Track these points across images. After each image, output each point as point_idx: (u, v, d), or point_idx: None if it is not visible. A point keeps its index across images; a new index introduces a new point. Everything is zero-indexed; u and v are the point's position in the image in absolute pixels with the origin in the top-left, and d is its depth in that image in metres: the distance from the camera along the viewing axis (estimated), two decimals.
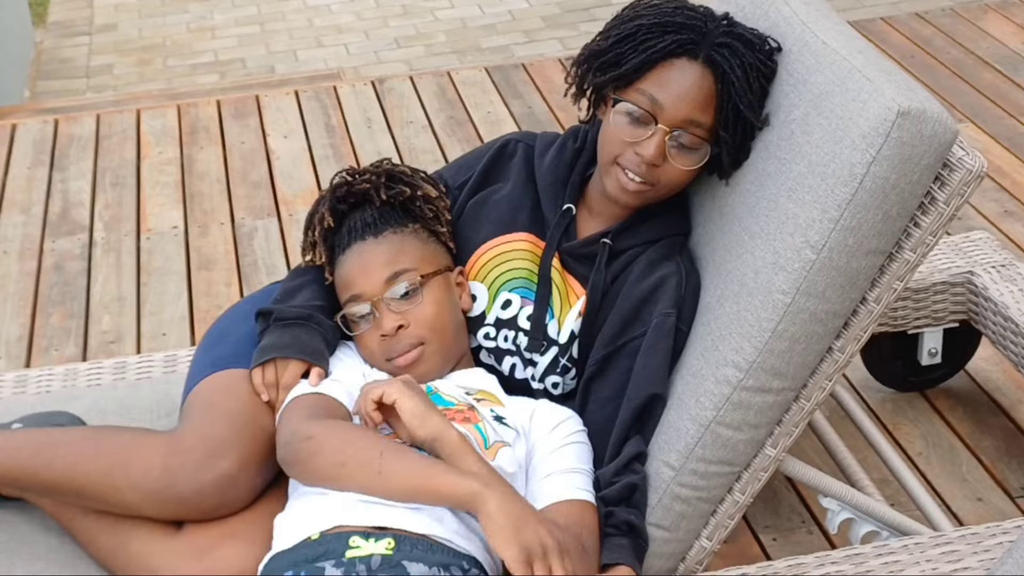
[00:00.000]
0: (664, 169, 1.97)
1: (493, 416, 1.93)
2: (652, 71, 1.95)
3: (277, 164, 4.05)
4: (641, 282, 2.00)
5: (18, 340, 3.26)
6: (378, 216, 2.02)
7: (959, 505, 2.62)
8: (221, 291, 3.41)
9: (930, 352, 2.74)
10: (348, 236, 2.01)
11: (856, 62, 1.89)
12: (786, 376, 1.91)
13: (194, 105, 4.47)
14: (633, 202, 2.01)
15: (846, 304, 1.88)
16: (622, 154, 1.97)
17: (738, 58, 1.94)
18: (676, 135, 1.94)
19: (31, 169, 4.08)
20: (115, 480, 1.87)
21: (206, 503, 1.85)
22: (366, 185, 2.03)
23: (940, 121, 1.81)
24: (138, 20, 6.52)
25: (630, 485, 1.90)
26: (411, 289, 1.96)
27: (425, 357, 1.97)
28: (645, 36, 1.96)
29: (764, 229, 1.92)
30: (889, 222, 1.84)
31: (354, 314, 1.99)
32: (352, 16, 6.30)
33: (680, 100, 1.93)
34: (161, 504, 1.86)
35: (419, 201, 2.04)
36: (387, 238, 1.99)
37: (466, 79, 4.56)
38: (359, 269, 1.98)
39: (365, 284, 1.97)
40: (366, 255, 1.98)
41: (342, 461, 1.76)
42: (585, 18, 5.95)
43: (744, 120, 1.96)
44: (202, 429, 1.89)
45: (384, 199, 2.02)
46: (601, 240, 2.05)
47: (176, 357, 2.47)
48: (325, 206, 2.04)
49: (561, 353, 2.05)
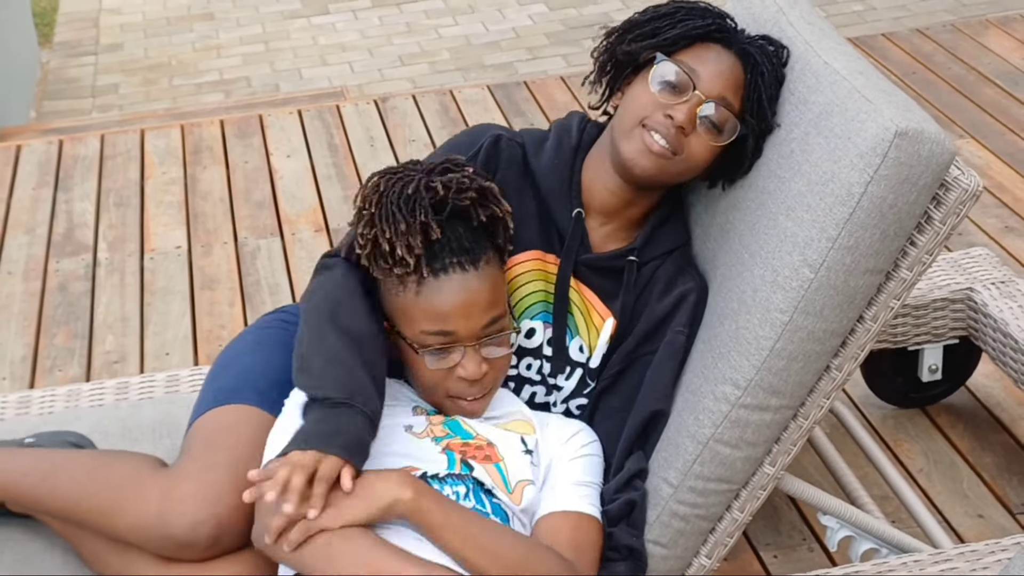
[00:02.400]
0: (690, 140, 1.94)
1: (524, 450, 1.90)
2: (690, 48, 1.97)
3: (280, 183, 4.06)
4: (663, 298, 2.00)
5: (22, 360, 3.27)
6: (473, 239, 1.85)
7: (960, 521, 2.62)
8: (224, 311, 3.41)
9: (930, 368, 2.74)
10: (444, 256, 1.82)
11: (856, 82, 1.90)
12: (784, 394, 1.91)
13: (198, 125, 4.48)
14: (650, 169, 1.94)
15: (844, 323, 1.89)
16: (651, 116, 1.93)
17: (765, 56, 1.98)
18: (709, 104, 1.93)
19: (36, 190, 4.09)
20: (113, 520, 1.89)
21: (200, 544, 1.86)
22: (468, 203, 1.84)
23: (938, 142, 1.82)
24: (144, 40, 6.55)
25: (629, 502, 1.90)
26: (503, 335, 1.88)
27: (487, 399, 1.92)
28: (685, 16, 1.99)
29: (763, 247, 1.93)
30: (887, 241, 1.85)
31: (431, 346, 1.85)
32: (356, 34, 6.32)
33: (716, 76, 1.94)
34: (158, 545, 1.87)
35: (502, 224, 1.90)
36: (484, 272, 1.84)
37: (468, 97, 4.57)
38: (461, 308, 1.81)
39: (463, 326, 1.82)
40: (472, 293, 1.82)
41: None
42: (589, 35, 5.96)
43: (764, 114, 1.97)
44: (200, 474, 1.89)
45: (483, 219, 1.86)
46: (628, 258, 2.01)
47: (178, 377, 2.47)
48: (427, 214, 1.81)
49: (589, 376, 2.03)
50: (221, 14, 6.75)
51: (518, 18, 6.29)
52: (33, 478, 1.96)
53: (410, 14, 6.48)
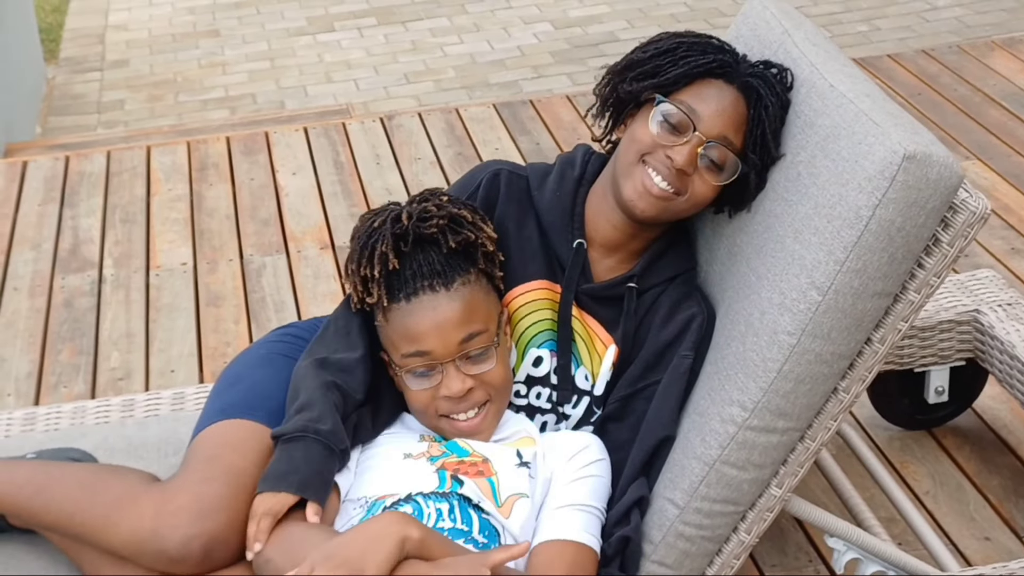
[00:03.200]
0: (692, 180, 1.95)
1: (518, 463, 1.91)
2: (690, 86, 1.96)
3: (286, 201, 4.06)
4: (666, 325, 2.00)
5: (27, 376, 3.27)
6: (445, 263, 1.91)
7: (966, 544, 2.61)
8: (230, 328, 3.41)
9: (937, 390, 2.73)
10: (414, 282, 1.89)
11: (863, 105, 1.90)
12: (791, 416, 1.91)
13: (204, 142, 4.49)
14: (650, 211, 1.96)
15: (851, 346, 1.89)
16: (652, 154, 1.95)
17: (769, 87, 1.97)
18: (710, 146, 1.94)
19: (42, 206, 4.10)
20: (108, 535, 1.89)
21: (192, 559, 1.85)
22: (434, 230, 1.92)
23: (946, 165, 1.82)
24: (149, 56, 6.57)
25: (623, 539, 1.89)
26: (484, 350, 1.90)
27: (488, 417, 1.93)
28: (686, 52, 1.98)
29: (771, 270, 1.93)
30: (895, 264, 1.85)
31: (413, 369, 1.90)
32: (362, 52, 6.34)
33: (717, 115, 1.94)
34: (151, 559, 1.86)
35: (481, 248, 1.96)
36: (459, 291, 1.89)
37: (474, 115, 4.58)
38: (432, 327, 1.87)
39: (438, 344, 1.87)
40: (440, 312, 1.87)
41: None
42: (594, 54, 5.98)
43: (768, 148, 1.97)
44: (197, 486, 1.88)
45: (453, 245, 1.92)
46: (627, 285, 2.02)
47: (184, 395, 2.47)
48: (387, 245, 1.91)
49: (596, 404, 2.03)
50: (227, 31, 6.77)
51: (523, 37, 6.31)
52: (28, 490, 1.96)
53: (415, 32, 6.50)
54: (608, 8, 6.50)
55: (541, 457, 1.93)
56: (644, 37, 2.13)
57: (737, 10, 6.31)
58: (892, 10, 6.24)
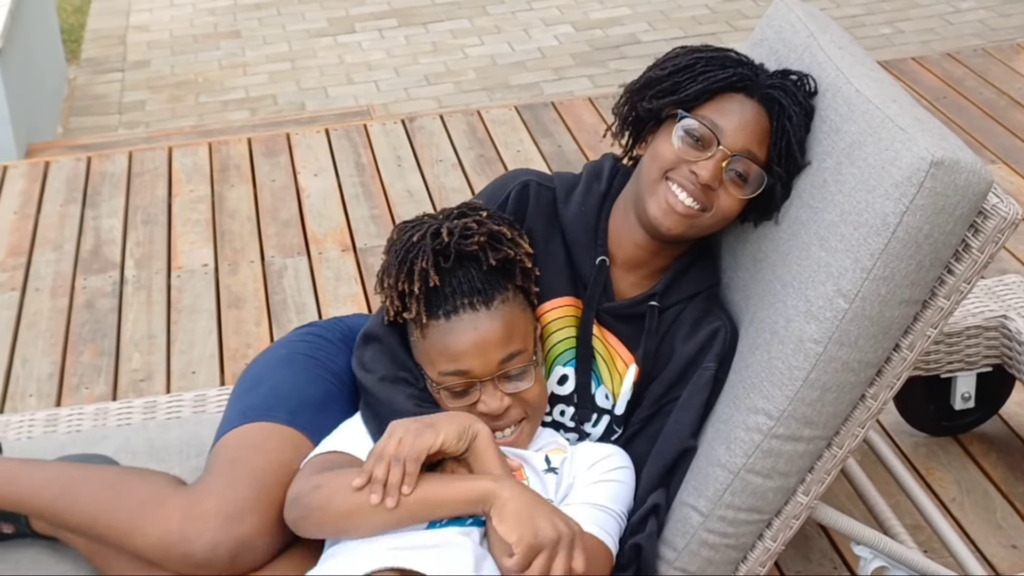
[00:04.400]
0: (718, 195, 1.94)
1: (546, 468, 1.90)
2: (711, 101, 1.94)
3: (307, 202, 4.06)
4: (688, 341, 1.98)
5: (49, 377, 3.28)
6: (485, 280, 1.89)
7: (993, 551, 2.59)
8: (251, 330, 3.42)
9: (963, 396, 2.72)
10: (454, 300, 1.88)
11: (889, 111, 1.89)
12: (817, 425, 1.90)
13: (225, 143, 4.50)
14: (676, 229, 1.94)
15: (879, 353, 1.87)
16: (676, 169, 1.93)
17: (791, 97, 1.95)
18: (734, 160, 1.92)
19: (63, 207, 4.11)
20: (134, 539, 1.89)
21: (220, 564, 1.85)
22: (475, 247, 1.89)
23: (974, 171, 1.80)
24: (170, 57, 6.59)
25: (635, 547, 1.89)
26: (524, 369, 1.89)
27: (523, 435, 1.93)
28: (704, 68, 1.96)
29: (796, 278, 1.92)
30: (922, 272, 1.83)
31: (452, 387, 1.89)
32: (382, 53, 6.34)
33: (739, 130, 1.92)
34: (177, 563, 1.86)
35: (519, 264, 1.94)
36: (498, 310, 1.87)
37: (496, 117, 4.57)
38: (472, 346, 1.86)
39: (478, 364, 1.86)
40: (481, 332, 1.86)
41: (356, 504, 1.75)
42: (615, 56, 5.97)
43: (793, 158, 1.95)
44: (224, 491, 1.88)
45: (493, 263, 1.90)
46: (649, 303, 2.00)
47: (205, 397, 2.47)
48: (427, 261, 1.89)
49: (616, 423, 2.02)
50: (247, 32, 6.79)
51: (544, 38, 6.30)
52: (52, 491, 1.95)
53: (436, 33, 6.50)
54: (629, 10, 6.49)
55: (570, 464, 1.93)
56: (665, 39, 2.12)
57: (759, 12, 6.29)
58: (915, 12, 6.22)
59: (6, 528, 2.01)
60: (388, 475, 1.74)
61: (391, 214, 3.94)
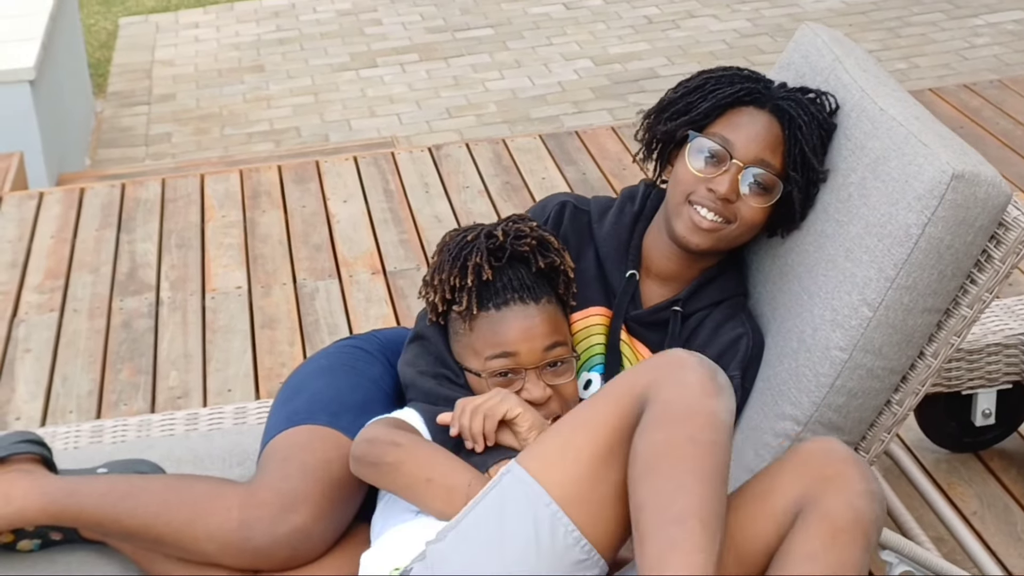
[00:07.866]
0: (739, 206, 2.01)
1: None
2: (722, 117, 2.03)
3: (337, 227, 4.14)
4: (709, 346, 2.04)
5: (88, 395, 3.35)
6: (533, 281, 1.99)
7: (1015, 564, 2.63)
8: (284, 350, 3.48)
9: (984, 413, 2.76)
10: (505, 294, 1.97)
11: (912, 128, 1.96)
12: (843, 431, 1.96)
13: (256, 170, 4.58)
14: (704, 243, 2.03)
15: (903, 360, 1.93)
16: (695, 191, 2.01)
17: (801, 107, 2.04)
18: (749, 171, 2.00)
19: (99, 231, 4.19)
20: (194, 530, 1.93)
21: (280, 554, 1.90)
22: (527, 249, 2.00)
23: (994, 184, 1.87)
24: (196, 90, 6.69)
25: None
26: (564, 362, 1.98)
27: None
28: (714, 86, 2.05)
29: (822, 288, 1.98)
30: (944, 281, 1.90)
31: (496, 370, 1.96)
32: (404, 87, 6.43)
33: (751, 141, 2.01)
34: (237, 555, 1.91)
35: (563, 274, 2.04)
36: (544, 307, 1.98)
37: (520, 146, 4.65)
38: (521, 332, 1.95)
39: (524, 348, 1.95)
40: (532, 320, 1.95)
41: (429, 477, 1.82)
42: (634, 89, 6.05)
43: (810, 166, 2.03)
44: (277, 483, 1.94)
45: (542, 266, 2.01)
46: (672, 308, 2.08)
47: (246, 409, 2.52)
48: (481, 256, 1.99)
49: None
50: (271, 66, 6.89)
51: (564, 72, 6.39)
52: (112, 498, 1.99)
53: (457, 68, 6.60)
54: (648, 45, 6.58)
55: None
56: (684, 74, 2.20)
57: (776, 47, 6.37)
58: (931, 48, 6.29)
59: (55, 535, 2.06)
60: (471, 423, 1.86)
61: (420, 239, 4.01)
